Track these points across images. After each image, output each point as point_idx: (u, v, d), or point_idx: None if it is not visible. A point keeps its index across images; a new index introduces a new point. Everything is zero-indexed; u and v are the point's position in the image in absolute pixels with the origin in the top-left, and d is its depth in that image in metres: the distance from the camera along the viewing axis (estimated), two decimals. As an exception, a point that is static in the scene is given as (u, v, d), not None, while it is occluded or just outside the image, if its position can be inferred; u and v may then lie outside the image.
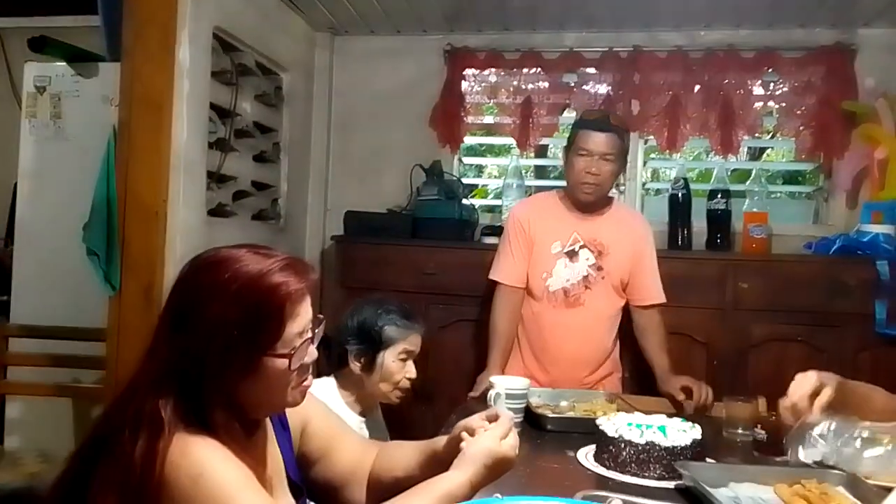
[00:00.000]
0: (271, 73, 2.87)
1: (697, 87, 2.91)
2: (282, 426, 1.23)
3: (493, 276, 2.26)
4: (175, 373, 0.96)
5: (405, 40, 3.15)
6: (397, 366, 1.74)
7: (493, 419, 1.13)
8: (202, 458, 0.92)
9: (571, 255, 2.18)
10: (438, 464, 1.13)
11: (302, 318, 1.01)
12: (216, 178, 2.51)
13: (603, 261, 2.18)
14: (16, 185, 2.90)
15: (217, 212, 2.51)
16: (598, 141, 2.10)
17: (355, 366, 1.72)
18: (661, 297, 2.24)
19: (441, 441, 1.17)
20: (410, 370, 1.78)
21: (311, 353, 1.04)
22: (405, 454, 1.23)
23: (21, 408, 2.49)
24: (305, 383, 1.06)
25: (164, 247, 2.14)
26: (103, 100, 2.51)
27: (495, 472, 1.06)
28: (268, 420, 1.18)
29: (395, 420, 2.00)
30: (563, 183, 2.37)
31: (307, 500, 1.23)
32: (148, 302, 2.11)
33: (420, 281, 2.66)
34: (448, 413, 2.04)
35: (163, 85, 2.13)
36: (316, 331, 1.04)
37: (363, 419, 1.75)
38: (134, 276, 2.11)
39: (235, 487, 0.92)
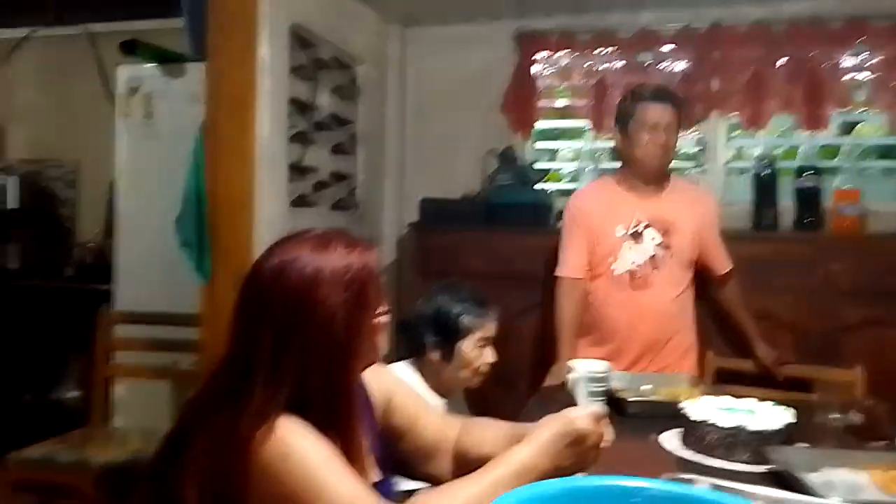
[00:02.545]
0: (346, 67, 2.94)
1: (781, 62, 2.78)
2: (366, 403, 1.28)
3: (558, 272, 2.24)
4: (267, 358, 1.00)
5: (475, 28, 3.15)
6: (476, 353, 1.75)
7: None
8: (289, 436, 0.96)
9: (636, 236, 2.14)
10: None
11: None
12: (297, 171, 2.60)
13: (671, 238, 2.15)
14: (113, 181, 3.10)
15: (299, 202, 2.61)
16: (661, 112, 2.11)
17: (434, 356, 1.75)
18: (730, 263, 2.30)
19: (530, 427, 1.19)
20: (489, 355, 1.79)
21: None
22: (494, 432, 1.25)
23: (125, 389, 2.67)
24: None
25: (250, 237, 2.24)
26: (191, 98, 2.63)
27: (570, 446, 1.05)
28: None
29: (475, 404, 2.03)
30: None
31: (392, 474, 1.27)
32: (238, 289, 2.22)
33: (496, 267, 2.68)
34: (527, 397, 2.06)
35: (245, 82, 2.23)
36: None
37: (444, 401, 1.79)
38: (224, 265, 2.22)
39: (323, 465, 0.96)
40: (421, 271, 2.80)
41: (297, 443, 0.96)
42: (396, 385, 1.32)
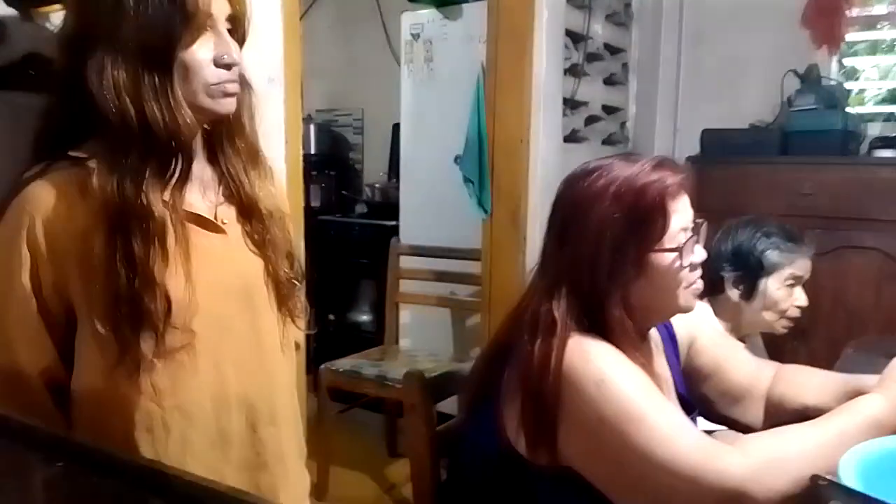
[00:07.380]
0: (621, -10, 2.79)
1: None
2: (670, 339, 1.23)
3: None
4: (565, 279, 0.99)
5: (771, -70, 2.77)
6: (783, 293, 1.59)
7: None
8: (604, 362, 0.93)
9: None
10: None
11: (683, 214, 1.00)
12: (570, 105, 2.56)
13: None
14: (394, 125, 3.34)
15: (570, 138, 2.57)
16: None
17: (733, 293, 1.62)
18: None
19: (868, 380, 1.05)
20: (800, 298, 1.62)
21: (699, 252, 1.03)
22: (817, 382, 1.14)
23: (410, 315, 2.93)
24: (697, 285, 1.04)
25: (527, 173, 2.27)
26: (467, 39, 2.71)
27: None
28: (656, 333, 1.18)
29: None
30: None
31: (697, 415, 1.22)
32: (514, 225, 2.28)
33: (793, 203, 2.39)
34: (827, 353, 1.83)
35: (524, 16, 2.21)
36: (700, 231, 1.03)
37: (743, 345, 1.66)
38: (502, 201, 2.29)
39: (641, 393, 0.92)
40: (700, 208, 2.60)
41: (611, 367, 0.93)
42: (701, 324, 1.25)
